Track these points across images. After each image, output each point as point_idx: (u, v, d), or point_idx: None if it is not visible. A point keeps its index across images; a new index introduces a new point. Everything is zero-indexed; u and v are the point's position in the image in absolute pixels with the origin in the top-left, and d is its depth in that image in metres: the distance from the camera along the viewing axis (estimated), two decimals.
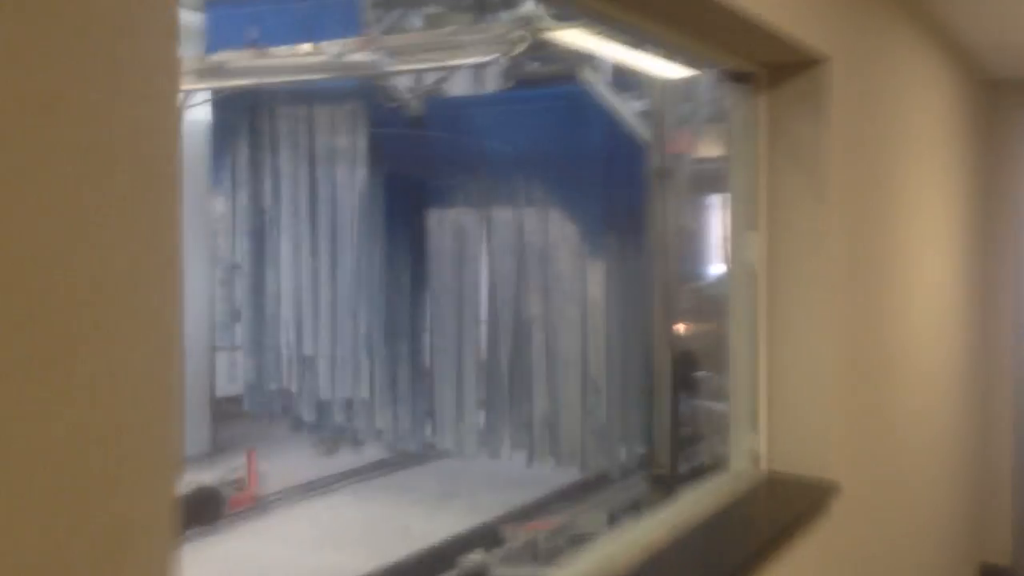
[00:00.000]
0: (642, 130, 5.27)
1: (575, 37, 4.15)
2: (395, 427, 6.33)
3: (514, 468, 6.10)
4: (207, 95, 6.22)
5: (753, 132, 2.48)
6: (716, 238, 8.73)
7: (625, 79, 5.35)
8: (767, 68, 2.40)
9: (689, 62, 2.77)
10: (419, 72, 5.50)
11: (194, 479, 5.94)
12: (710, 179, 6.73)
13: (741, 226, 2.57)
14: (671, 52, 2.60)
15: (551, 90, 5.92)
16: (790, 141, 2.45)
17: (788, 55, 2.28)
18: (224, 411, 7.92)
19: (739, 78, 2.40)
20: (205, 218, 6.39)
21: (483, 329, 6.03)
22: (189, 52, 5.73)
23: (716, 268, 7.55)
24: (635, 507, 5.37)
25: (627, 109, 5.26)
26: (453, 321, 6.03)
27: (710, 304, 5.63)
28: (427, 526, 5.79)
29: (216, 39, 5.89)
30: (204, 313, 6.60)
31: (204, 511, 5.47)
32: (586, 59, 5.09)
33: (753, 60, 2.34)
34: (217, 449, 8.04)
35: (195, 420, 7.85)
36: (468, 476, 6.63)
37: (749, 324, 2.51)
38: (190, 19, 6.02)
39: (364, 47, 4.99)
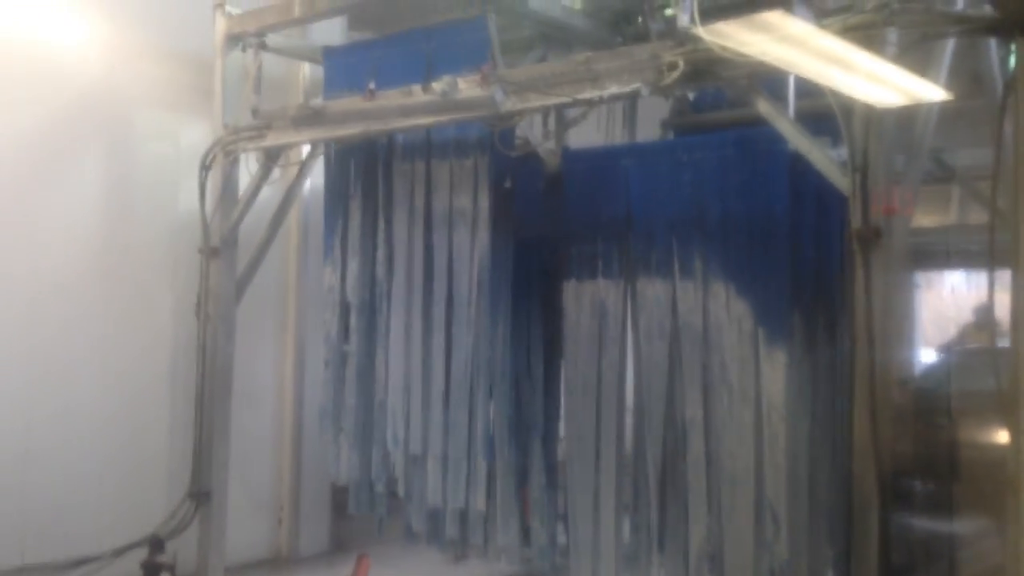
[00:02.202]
0: (839, 182, 3.96)
1: (743, 35, 3.02)
2: (521, 542, 5.24)
3: None
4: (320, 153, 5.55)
5: None
6: (925, 321, 7.46)
7: (812, 122, 4.12)
8: None
9: None
10: (548, 111, 4.52)
11: None
12: (924, 254, 5.46)
13: None
14: None
15: (717, 135, 4.79)
16: None
17: None
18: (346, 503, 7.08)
19: None
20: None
21: (627, 431, 4.85)
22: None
23: (926, 356, 6.35)
24: None
25: (818, 153, 3.98)
26: (590, 419, 4.90)
27: (923, 400, 4.66)
28: None
29: (336, 89, 5.20)
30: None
31: None
32: (763, 84, 3.91)
33: None
34: (337, 547, 7.16)
35: (312, 514, 7.02)
36: None
37: None
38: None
39: (481, 83, 4.07)
